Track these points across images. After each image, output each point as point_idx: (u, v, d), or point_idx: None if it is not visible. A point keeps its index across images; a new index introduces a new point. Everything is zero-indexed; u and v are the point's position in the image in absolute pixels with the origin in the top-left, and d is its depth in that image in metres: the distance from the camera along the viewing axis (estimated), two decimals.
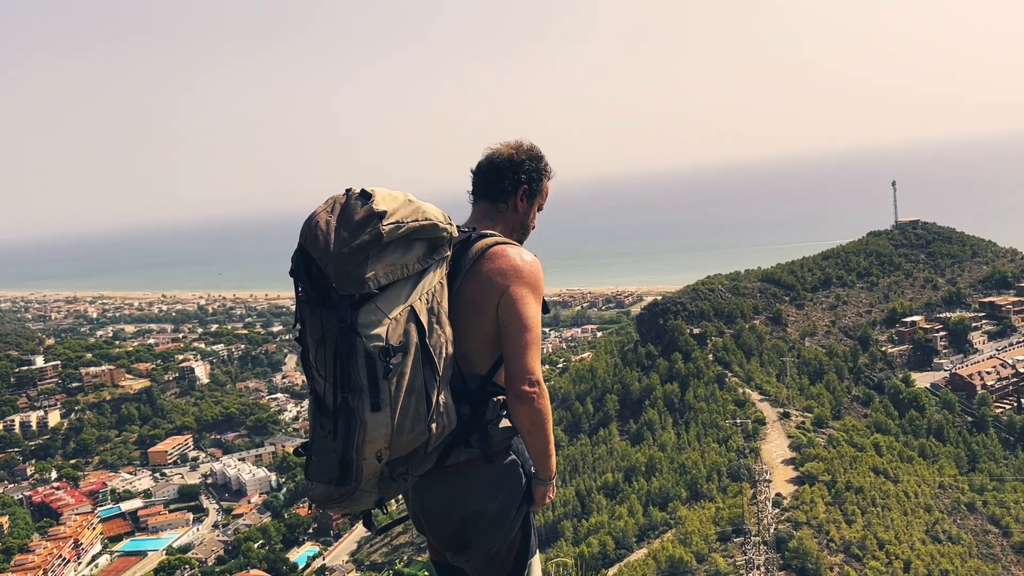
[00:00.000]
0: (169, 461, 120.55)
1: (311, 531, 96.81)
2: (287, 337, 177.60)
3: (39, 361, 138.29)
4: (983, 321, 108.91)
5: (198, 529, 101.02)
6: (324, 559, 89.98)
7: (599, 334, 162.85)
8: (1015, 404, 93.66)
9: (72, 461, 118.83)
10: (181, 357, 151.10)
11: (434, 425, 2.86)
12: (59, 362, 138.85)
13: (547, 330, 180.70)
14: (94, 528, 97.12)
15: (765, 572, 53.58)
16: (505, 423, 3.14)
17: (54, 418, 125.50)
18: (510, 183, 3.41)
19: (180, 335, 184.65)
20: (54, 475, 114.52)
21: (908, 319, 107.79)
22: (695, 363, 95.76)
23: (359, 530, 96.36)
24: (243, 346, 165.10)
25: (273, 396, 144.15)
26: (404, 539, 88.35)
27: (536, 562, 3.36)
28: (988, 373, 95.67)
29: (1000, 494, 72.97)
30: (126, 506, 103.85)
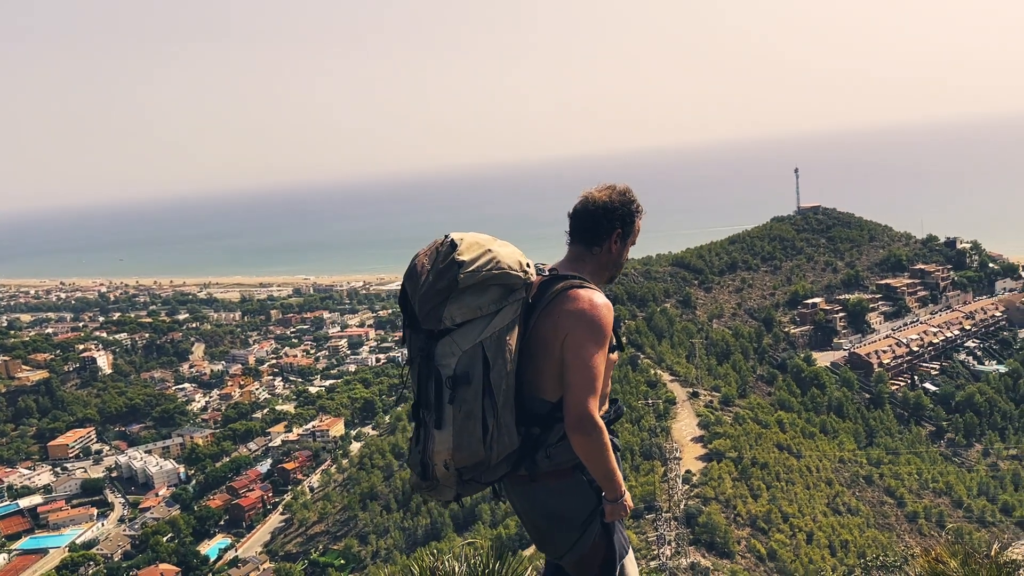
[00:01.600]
0: (71, 455, 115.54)
1: (223, 523, 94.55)
2: (194, 325, 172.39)
3: None
4: (879, 302, 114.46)
5: (103, 524, 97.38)
6: (237, 551, 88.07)
7: None
8: (909, 381, 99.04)
9: None
10: (82, 347, 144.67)
11: (492, 446, 3.30)
12: None
13: None
14: None
15: (676, 547, 55.25)
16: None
17: None
18: (604, 229, 3.70)
19: (80, 324, 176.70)
20: None
21: (809, 301, 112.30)
22: None
23: (273, 521, 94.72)
24: (147, 335, 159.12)
25: (180, 386, 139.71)
26: (319, 528, 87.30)
27: (629, 564, 3.69)
28: (884, 352, 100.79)
29: (895, 467, 77.10)
30: (24, 502, 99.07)
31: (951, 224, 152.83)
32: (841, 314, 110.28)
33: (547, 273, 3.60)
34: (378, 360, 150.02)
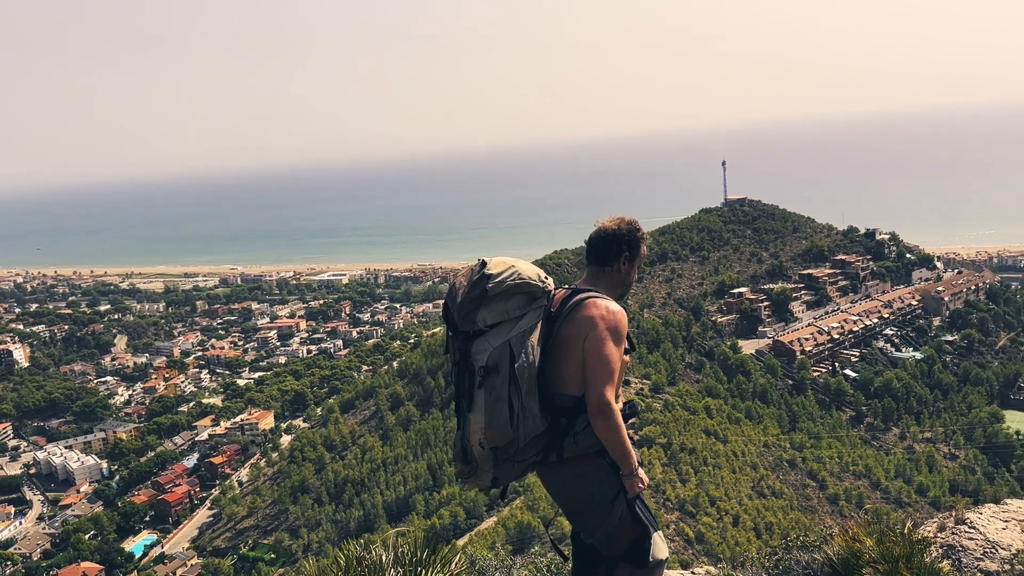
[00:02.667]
0: None
1: (148, 519, 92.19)
2: (116, 316, 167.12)
3: None
4: (802, 292, 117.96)
5: (21, 523, 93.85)
6: (163, 547, 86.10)
7: None
8: (830, 368, 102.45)
9: None
10: None
11: (518, 426, 3.89)
12: None
13: (398, 306, 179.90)
14: None
15: None
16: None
17: None
18: (614, 252, 4.41)
19: None
20: None
21: (736, 290, 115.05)
22: None
23: (200, 516, 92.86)
24: (67, 327, 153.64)
25: (102, 379, 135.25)
26: (248, 523, 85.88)
27: (658, 538, 4.23)
28: (807, 340, 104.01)
29: (817, 450, 79.71)
30: None
31: (871, 216, 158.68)
32: (766, 303, 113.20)
33: (568, 288, 4.28)
34: (309, 352, 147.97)
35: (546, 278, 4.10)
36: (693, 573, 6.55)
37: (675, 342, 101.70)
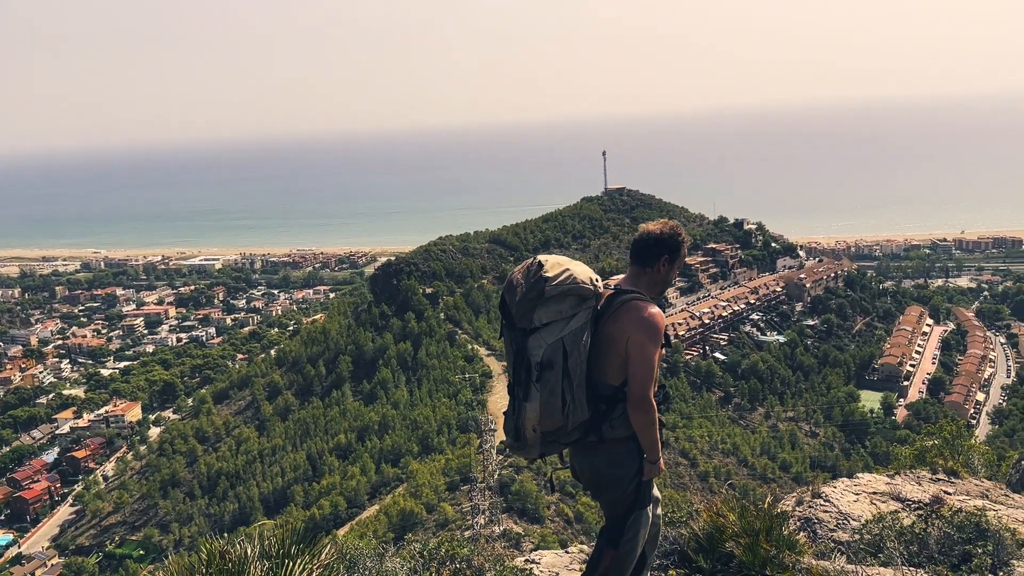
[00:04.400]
0: None
1: (3, 518, 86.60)
2: None
3: None
4: (676, 278, 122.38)
5: None
6: (20, 547, 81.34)
7: (332, 295, 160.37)
8: (701, 351, 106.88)
9: None
10: None
11: (568, 415, 4.37)
12: None
13: (276, 292, 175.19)
14: None
15: (490, 515, 56.69)
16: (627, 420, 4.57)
17: None
18: (655, 255, 4.77)
19: None
20: None
21: (615, 277, 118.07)
22: (428, 322, 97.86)
23: (62, 513, 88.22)
24: None
25: None
26: (115, 519, 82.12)
27: (651, 511, 4.81)
28: (679, 324, 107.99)
29: (689, 430, 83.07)
30: None
31: (739, 206, 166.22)
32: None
33: (612, 288, 4.66)
34: (179, 340, 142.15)
35: (597, 281, 4.53)
36: (567, 551, 6.67)
37: None
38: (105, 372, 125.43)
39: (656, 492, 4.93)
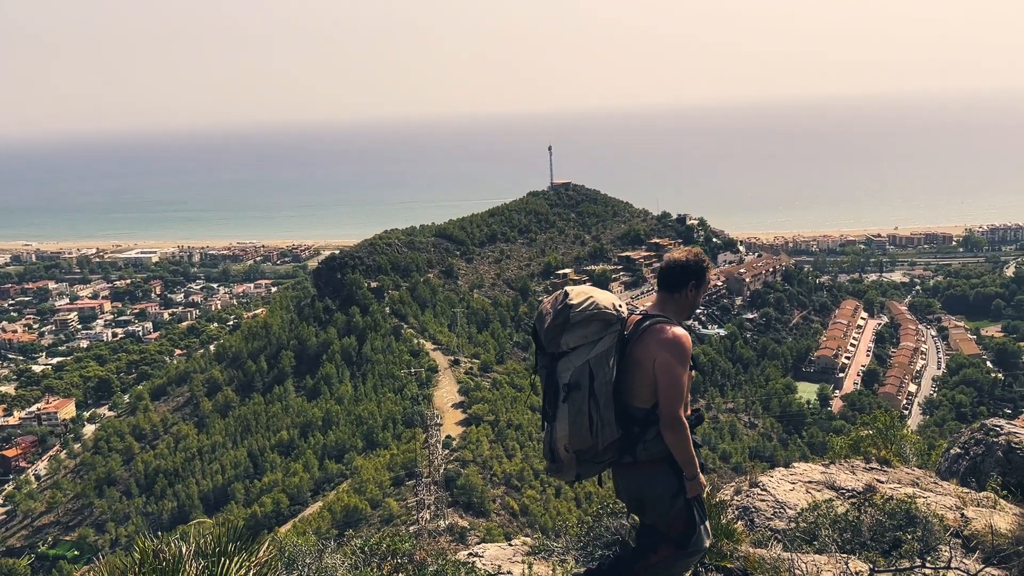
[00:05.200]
0: None
1: None
2: None
3: None
4: (621, 273, 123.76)
5: None
6: None
7: (274, 289, 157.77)
8: None
9: None
10: None
11: (597, 434, 4.56)
12: None
13: (215, 286, 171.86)
14: None
15: (435, 510, 56.56)
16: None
17: None
18: (682, 281, 4.92)
19: None
20: None
21: (561, 271, 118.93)
22: (373, 316, 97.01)
23: None
24: None
25: None
26: (48, 519, 79.71)
27: (703, 531, 4.86)
28: None
29: None
30: None
31: (682, 202, 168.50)
32: (588, 283, 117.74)
33: (640, 314, 4.85)
34: (115, 335, 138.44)
35: (620, 306, 4.74)
36: (511, 544, 6.69)
37: (503, 322, 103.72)
38: (37, 368, 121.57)
39: (705, 539, 4.94)
